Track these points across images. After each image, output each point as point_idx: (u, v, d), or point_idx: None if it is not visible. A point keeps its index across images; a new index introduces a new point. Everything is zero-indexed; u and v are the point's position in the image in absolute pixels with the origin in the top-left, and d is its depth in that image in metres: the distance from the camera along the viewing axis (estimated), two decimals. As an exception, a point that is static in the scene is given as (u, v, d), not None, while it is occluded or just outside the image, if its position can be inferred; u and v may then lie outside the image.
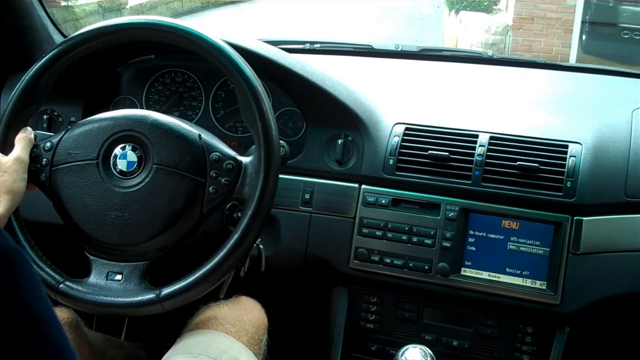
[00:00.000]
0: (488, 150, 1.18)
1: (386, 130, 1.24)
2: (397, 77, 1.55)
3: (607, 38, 6.05)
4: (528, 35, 5.85)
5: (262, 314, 1.14)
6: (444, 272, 1.15)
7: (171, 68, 1.35)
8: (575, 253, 1.12)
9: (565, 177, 1.14)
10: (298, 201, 1.23)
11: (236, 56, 1.00)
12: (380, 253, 1.18)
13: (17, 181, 0.97)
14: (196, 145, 0.99)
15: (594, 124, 1.23)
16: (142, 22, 1.04)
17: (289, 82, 1.25)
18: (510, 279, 1.15)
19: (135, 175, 1.00)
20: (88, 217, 1.00)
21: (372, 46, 1.62)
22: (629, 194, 1.13)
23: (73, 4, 5.48)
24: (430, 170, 1.19)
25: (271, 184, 0.97)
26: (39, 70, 1.03)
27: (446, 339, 1.20)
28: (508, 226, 1.15)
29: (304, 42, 1.61)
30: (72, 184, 1.01)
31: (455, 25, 6.65)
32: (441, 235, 1.16)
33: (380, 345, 1.24)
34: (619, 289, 1.12)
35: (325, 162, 1.24)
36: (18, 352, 0.42)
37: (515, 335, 1.18)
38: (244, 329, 1.06)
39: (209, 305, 1.10)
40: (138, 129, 1.00)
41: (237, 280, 1.13)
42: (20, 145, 1.01)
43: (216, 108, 1.34)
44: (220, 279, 0.98)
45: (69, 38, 1.05)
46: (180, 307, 0.98)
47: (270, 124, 0.98)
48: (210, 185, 0.99)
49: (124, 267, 0.99)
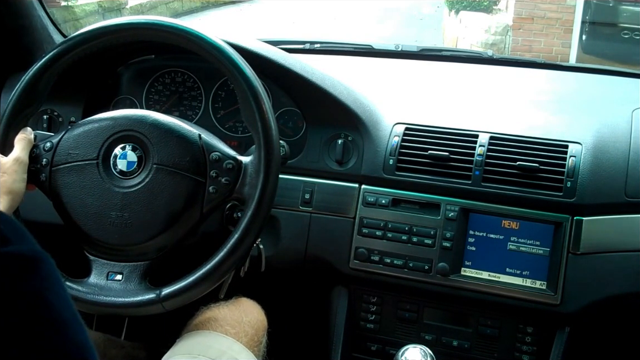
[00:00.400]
0: (488, 150, 1.18)
1: (386, 130, 1.24)
2: (397, 77, 1.55)
3: (607, 38, 6.05)
4: (528, 35, 5.85)
5: (261, 315, 1.14)
6: (444, 272, 1.15)
7: (171, 68, 1.35)
8: (575, 253, 1.12)
9: (565, 177, 1.14)
10: (298, 201, 1.23)
11: (236, 56, 1.00)
12: (380, 253, 1.18)
13: (17, 181, 0.97)
14: (196, 145, 0.99)
15: (594, 124, 1.23)
16: (142, 22, 1.04)
17: (289, 82, 1.25)
18: (510, 279, 1.15)
19: (135, 175, 1.00)
20: (88, 217, 1.00)
21: (372, 46, 1.62)
22: (629, 194, 1.14)
23: (73, 4, 5.48)
24: (430, 170, 1.19)
25: (271, 184, 0.97)
26: (39, 70, 1.03)
27: (446, 339, 1.20)
28: (508, 226, 1.15)
29: (304, 42, 1.60)
30: (72, 184, 1.01)
31: (455, 25, 6.65)
32: (441, 235, 1.16)
33: (380, 345, 1.24)
34: (619, 289, 1.12)
35: (325, 162, 1.24)
36: (40, 351, 0.43)
37: (515, 335, 1.18)
38: (244, 330, 1.06)
39: (209, 306, 1.10)
40: (138, 129, 1.00)
41: (237, 280, 1.13)
42: (19, 146, 1.01)
43: (216, 108, 1.34)
44: (220, 279, 0.98)
45: (69, 38, 1.05)
46: (181, 307, 0.98)
47: (270, 124, 0.98)
48: (210, 185, 0.99)
49: (124, 267, 0.99)
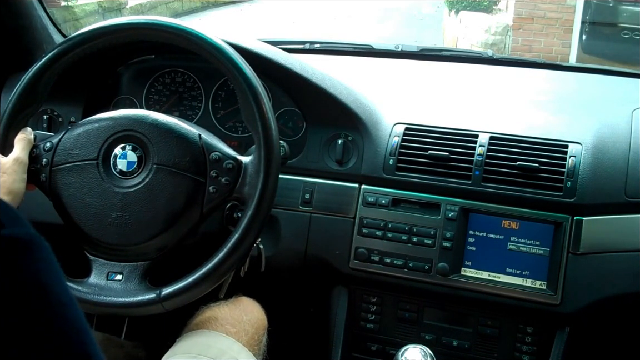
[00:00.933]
0: (488, 150, 1.18)
1: (386, 130, 1.24)
2: (397, 77, 1.55)
3: (607, 38, 6.05)
4: (528, 35, 5.85)
5: (261, 315, 1.14)
6: (444, 272, 1.15)
7: (171, 68, 1.35)
8: (575, 253, 1.12)
9: (565, 177, 1.14)
10: (298, 201, 1.23)
11: (236, 56, 1.00)
12: (380, 253, 1.18)
13: (16, 182, 0.97)
14: (196, 145, 0.99)
15: (594, 124, 1.23)
16: (142, 22, 1.04)
17: (289, 82, 1.25)
18: (510, 279, 1.15)
19: (135, 175, 1.00)
20: (88, 217, 1.00)
21: (372, 46, 1.62)
22: (629, 194, 1.13)
23: (73, 4, 5.48)
24: (430, 170, 1.19)
25: (271, 184, 0.97)
26: (39, 70, 1.03)
27: (446, 339, 1.20)
28: (508, 226, 1.15)
29: (304, 42, 1.60)
30: (72, 184, 1.01)
31: (455, 25, 6.65)
32: (441, 235, 1.16)
33: (380, 345, 1.24)
34: (619, 289, 1.12)
35: (325, 162, 1.24)
36: (38, 335, 0.43)
37: (515, 335, 1.18)
38: (244, 330, 1.06)
39: (209, 305, 1.10)
40: (138, 129, 1.00)
41: (237, 280, 1.13)
42: (19, 146, 1.01)
43: (216, 108, 1.34)
44: (220, 278, 0.98)
45: (69, 38, 1.05)
46: (181, 307, 0.98)
47: (270, 124, 0.98)
48: (211, 185, 0.98)
49: (124, 267, 0.99)
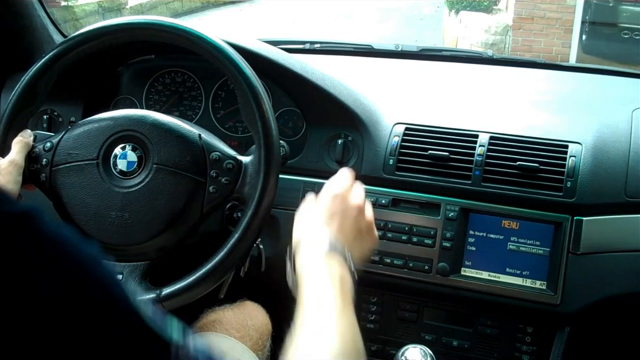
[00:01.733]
0: (488, 150, 1.18)
1: (386, 130, 1.24)
2: (397, 77, 1.54)
3: (607, 38, 6.05)
4: (528, 35, 5.86)
5: (266, 319, 1.14)
6: (444, 272, 1.15)
7: (171, 68, 1.35)
8: (575, 253, 1.12)
9: (565, 177, 1.14)
10: (298, 201, 1.23)
11: (236, 56, 1.00)
12: (380, 253, 1.18)
13: (10, 183, 0.97)
14: (196, 145, 0.99)
15: (594, 124, 1.23)
16: (142, 22, 1.04)
17: (289, 82, 1.25)
18: (510, 279, 1.15)
19: (135, 175, 1.00)
20: (88, 217, 1.00)
21: (372, 46, 1.62)
22: (629, 194, 1.13)
23: (73, 4, 5.49)
24: (430, 170, 1.19)
25: (271, 184, 0.97)
26: (39, 70, 1.03)
27: (446, 339, 1.20)
28: (508, 226, 1.15)
29: (304, 42, 1.60)
30: (72, 184, 1.01)
31: (455, 25, 6.66)
32: (441, 235, 1.16)
33: (380, 345, 1.23)
34: (619, 289, 1.12)
35: (325, 162, 1.24)
36: None
37: (515, 335, 1.18)
38: (248, 334, 1.06)
39: (214, 308, 1.09)
40: (138, 129, 1.00)
41: (237, 280, 1.13)
42: (16, 149, 1.01)
43: (216, 108, 1.34)
44: (220, 278, 0.98)
45: (69, 38, 1.05)
46: (182, 307, 0.98)
47: (270, 124, 0.98)
48: (211, 185, 0.98)
49: (124, 267, 0.99)
